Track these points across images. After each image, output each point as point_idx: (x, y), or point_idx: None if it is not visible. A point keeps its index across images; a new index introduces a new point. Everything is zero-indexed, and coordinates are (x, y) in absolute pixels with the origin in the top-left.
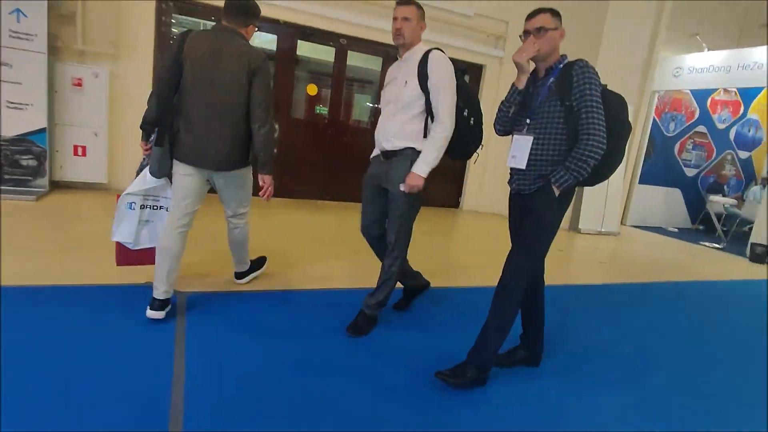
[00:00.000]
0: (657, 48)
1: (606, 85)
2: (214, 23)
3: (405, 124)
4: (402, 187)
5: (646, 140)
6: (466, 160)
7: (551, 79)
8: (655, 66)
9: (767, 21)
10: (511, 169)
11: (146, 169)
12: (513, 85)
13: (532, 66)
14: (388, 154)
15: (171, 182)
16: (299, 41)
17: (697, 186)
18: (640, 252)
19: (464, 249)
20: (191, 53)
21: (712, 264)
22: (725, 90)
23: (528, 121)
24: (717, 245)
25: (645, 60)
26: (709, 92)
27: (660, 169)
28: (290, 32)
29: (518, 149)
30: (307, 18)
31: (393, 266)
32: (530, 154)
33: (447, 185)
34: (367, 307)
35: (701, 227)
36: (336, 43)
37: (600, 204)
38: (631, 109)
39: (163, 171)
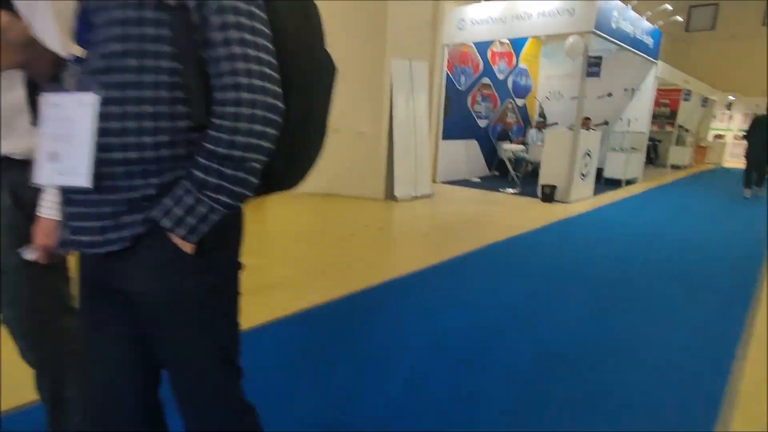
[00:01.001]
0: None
1: None
2: None
3: None
4: None
5: (443, 95)
6: None
7: None
8: (442, 19)
9: None
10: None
11: None
12: None
13: None
14: None
15: None
16: None
17: (489, 136)
18: (455, 212)
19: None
20: None
21: (517, 211)
22: (500, 42)
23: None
24: (513, 190)
25: (433, 14)
26: (488, 44)
27: (458, 122)
28: None
29: (61, 134)
30: None
31: None
32: (99, 143)
33: None
34: None
35: (497, 173)
36: None
37: (411, 167)
38: (425, 64)
39: None
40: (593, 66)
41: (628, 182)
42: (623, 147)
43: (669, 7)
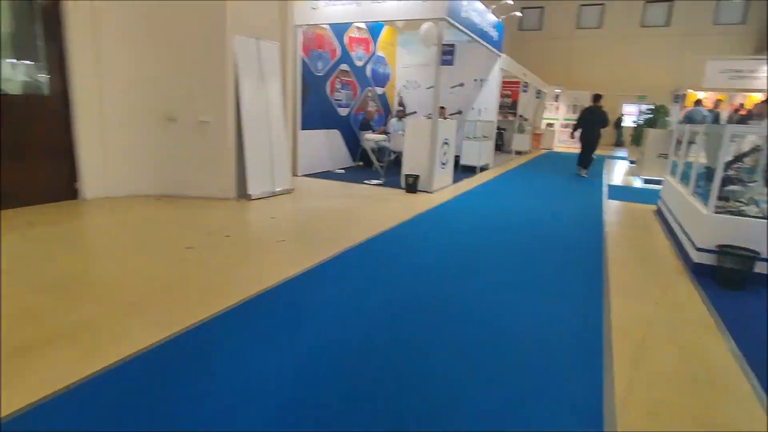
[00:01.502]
0: None
1: None
2: None
3: None
4: None
5: (299, 81)
6: None
7: None
8: None
9: None
10: None
11: None
12: None
13: None
14: None
15: None
16: None
17: (350, 125)
18: (318, 208)
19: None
20: None
21: (382, 203)
22: (357, 27)
23: None
24: (378, 181)
25: None
26: (345, 28)
27: (317, 111)
28: None
29: None
30: None
31: None
32: None
33: (46, 165)
34: None
35: (361, 163)
36: None
37: (266, 160)
38: (276, 46)
39: None
40: (447, 54)
41: (482, 168)
42: (476, 135)
43: (510, 1)
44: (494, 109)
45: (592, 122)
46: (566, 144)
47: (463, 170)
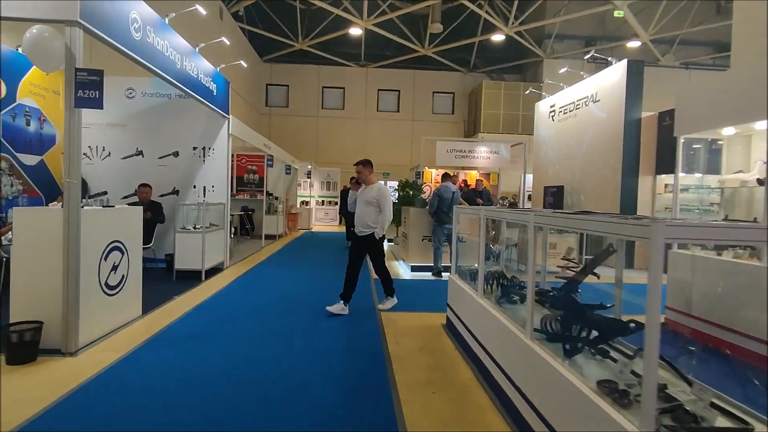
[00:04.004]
0: None
1: None
2: None
3: None
4: None
5: None
6: None
7: None
8: None
9: None
10: None
11: None
12: None
13: None
14: None
15: None
16: None
17: None
18: None
19: None
20: None
21: None
22: None
23: None
24: None
25: None
26: None
27: None
28: None
29: None
30: None
31: None
32: None
33: None
34: None
35: None
36: None
37: None
38: None
39: None
40: (90, 88)
41: (216, 270)
42: (198, 225)
43: (244, 64)
44: (225, 187)
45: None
46: (324, 222)
47: (179, 278)
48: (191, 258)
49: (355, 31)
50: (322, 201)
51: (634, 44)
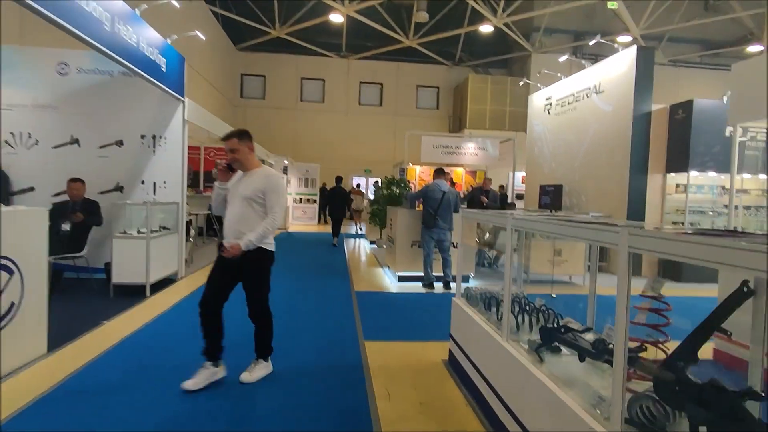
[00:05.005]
0: None
1: None
2: None
3: None
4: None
5: None
6: None
7: None
8: None
9: None
10: None
11: None
12: None
13: None
14: None
15: None
16: None
17: None
18: None
19: None
20: None
21: None
22: None
23: None
24: None
25: None
26: None
27: None
28: None
29: None
30: None
31: None
32: None
33: None
34: None
35: None
36: None
37: None
38: None
39: None
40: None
41: (168, 281)
42: (142, 229)
43: (201, 36)
44: (180, 183)
45: (336, 201)
46: (302, 222)
47: (118, 294)
48: (133, 269)
49: (336, 18)
50: (300, 199)
51: (624, 39)
